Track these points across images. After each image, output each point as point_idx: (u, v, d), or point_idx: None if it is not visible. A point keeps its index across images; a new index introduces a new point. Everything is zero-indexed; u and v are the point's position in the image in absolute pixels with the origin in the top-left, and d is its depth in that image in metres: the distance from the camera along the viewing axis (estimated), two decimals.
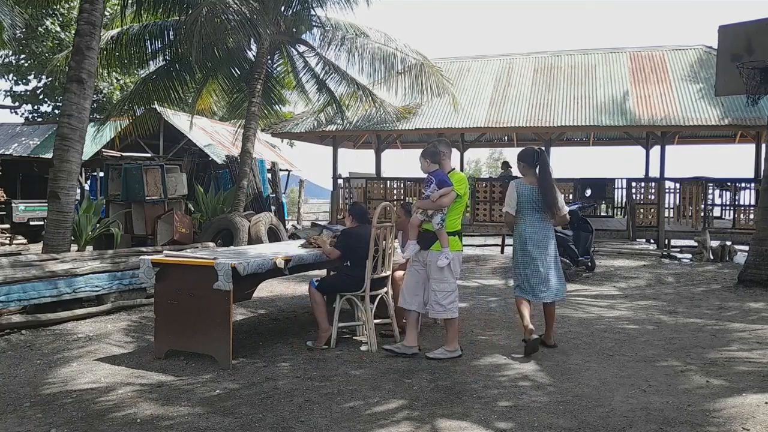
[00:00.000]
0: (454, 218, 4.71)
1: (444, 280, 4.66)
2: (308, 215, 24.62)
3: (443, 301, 4.66)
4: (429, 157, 4.74)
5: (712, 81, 11.00)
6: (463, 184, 4.75)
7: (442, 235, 4.61)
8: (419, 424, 3.41)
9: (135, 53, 11.71)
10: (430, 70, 12.24)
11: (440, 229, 4.60)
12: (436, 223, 4.60)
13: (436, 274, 4.65)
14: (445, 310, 4.68)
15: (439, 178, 4.64)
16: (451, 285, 4.69)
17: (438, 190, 4.57)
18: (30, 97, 25.50)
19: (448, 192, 4.59)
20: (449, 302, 4.68)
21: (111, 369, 4.50)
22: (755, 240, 8.38)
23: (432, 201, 4.56)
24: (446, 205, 4.60)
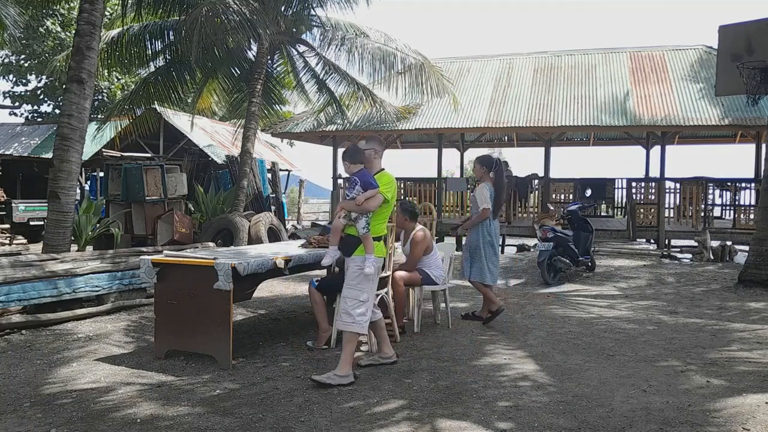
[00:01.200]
0: (379, 222, 4.34)
1: (359, 287, 4.21)
2: (308, 215, 24.63)
3: (353, 311, 4.17)
4: (349, 159, 4.31)
5: (712, 81, 11.00)
6: (392, 187, 4.40)
7: (367, 240, 4.22)
8: (419, 424, 3.41)
9: (135, 53, 11.72)
10: (430, 70, 12.24)
11: (366, 233, 4.21)
12: (361, 227, 4.20)
13: (352, 280, 4.22)
14: (353, 322, 4.16)
15: (363, 180, 4.23)
16: (364, 294, 4.21)
17: (363, 192, 4.18)
18: (30, 97, 25.52)
19: (374, 195, 4.21)
20: (359, 313, 4.18)
21: (111, 369, 4.50)
22: (755, 240, 8.38)
23: (357, 204, 4.17)
24: (372, 209, 4.22)
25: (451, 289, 7.02)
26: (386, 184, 4.35)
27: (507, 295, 7.96)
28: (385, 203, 4.33)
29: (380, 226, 4.37)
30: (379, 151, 4.53)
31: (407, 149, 20.45)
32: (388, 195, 4.32)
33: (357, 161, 4.33)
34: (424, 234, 5.86)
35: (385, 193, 4.30)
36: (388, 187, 4.36)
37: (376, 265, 4.23)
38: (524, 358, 4.83)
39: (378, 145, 4.55)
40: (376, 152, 4.48)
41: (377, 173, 4.40)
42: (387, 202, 4.33)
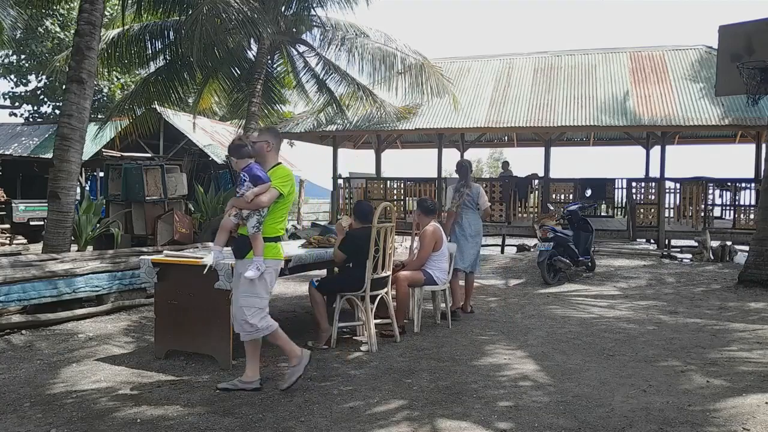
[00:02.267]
0: (276, 221, 3.99)
1: (254, 293, 3.90)
2: (308, 215, 24.62)
3: (252, 320, 3.89)
4: (233, 154, 4.01)
5: (712, 81, 10.99)
6: (288, 181, 3.99)
7: (255, 241, 3.88)
8: (419, 424, 3.41)
9: (135, 53, 11.71)
10: (430, 70, 12.24)
11: (255, 233, 3.88)
12: (251, 226, 3.87)
13: (245, 287, 3.90)
14: (256, 331, 3.92)
15: (251, 174, 3.89)
16: (262, 301, 3.94)
17: (253, 187, 3.85)
18: (30, 97, 25.52)
19: (265, 189, 3.85)
20: (260, 320, 3.92)
21: (111, 369, 4.50)
22: (755, 240, 8.38)
23: (247, 201, 3.83)
24: (264, 205, 3.87)
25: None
26: (281, 178, 3.95)
27: (507, 295, 7.96)
28: (281, 199, 3.95)
29: (276, 226, 4.00)
30: (273, 143, 4.13)
31: (407, 149, 20.42)
32: (284, 189, 3.93)
33: (243, 156, 3.97)
34: (434, 229, 5.86)
35: (280, 188, 3.91)
36: (284, 182, 3.95)
37: (262, 269, 3.86)
38: (524, 358, 4.83)
39: (272, 137, 4.16)
40: (270, 145, 4.09)
41: (272, 168, 4.03)
42: (283, 197, 3.96)
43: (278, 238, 4.02)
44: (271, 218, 3.96)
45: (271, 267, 3.95)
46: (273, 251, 3.96)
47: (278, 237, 4.02)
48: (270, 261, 3.93)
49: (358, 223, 5.31)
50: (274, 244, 3.97)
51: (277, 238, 4.01)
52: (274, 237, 3.98)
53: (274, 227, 3.99)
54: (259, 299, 3.91)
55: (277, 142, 4.16)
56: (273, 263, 3.97)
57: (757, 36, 7.95)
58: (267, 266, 3.90)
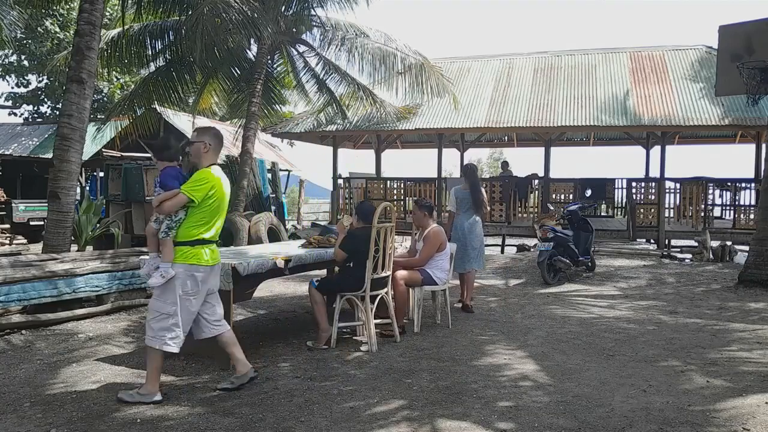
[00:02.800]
0: (193, 225, 3.80)
1: (162, 298, 3.76)
2: (308, 215, 24.62)
3: (154, 324, 3.74)
4: (155, 156, 3.93)
5: (712, 81, 11.00)
6: (203, 185, 3.75)
7: (164, 247, 3.78)
8: (419, 424, 3.41)
9: (135, 53, 11.71)
10: (430, 70, 12.24)
11: (164, 238, 3.76)
12: (161, 231, 3.77)
13: (156, 290, 3.78)
14: (153, 337, 3.74)
15: (162, 180, 3.82)
16: (169, 307, 3.74)
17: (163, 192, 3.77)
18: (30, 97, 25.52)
19: (171, 196, 3.71)
20: (160, 328, 3.73)
21: (111, 369, 4.50)
22: (755, 240, 8.37)
23: (153, 206, 3.78)
24: (168, 211, 3.73)
25: (451, 289, 7.01)
26: (194, 182, 3.76)
27: (507, 295, 7.96)
28: (193, 204, 3.75)
29: (193, 230, 3.80)
30: (211, 145, 3.91)
31: (407, 149, 20.43)
32: (195, 194, 3.71)
33: (164, 158, 3.91)
34: (438, 230, 5.88)
35: (190, 193, 3.71)
36: (196, 186, 3.74)
37: (167, 276, 3.71)
38: (524, 358, 4.83)
39: (211, 138, 3.93)
40: (207, 146, 3.89)
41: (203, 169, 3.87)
42: (195, 203, 3.74)
43: (200, 241, 3.81)
44: (189, 222, 3.80)
45: (184, 272, 3.76)
46: (187, 255, 3.77)
47: (200, 240, 3.81)
48: (180, 266, 3.75)
49: (361, 222, 5.32)
50: (189, 248, 3.78)
51: (197, 242, 3.80)
52: (191, 241, 3.79)
53: (191, 231, 3.79)
54: (164, 304, 3.76)
55: (216, 143, 3.95)
56: (185, 268, 3.76)
57: (757, 36, 7.95)
58: (179, 271, 3.75)
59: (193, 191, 3.73)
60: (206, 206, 3.80)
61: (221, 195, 3.87)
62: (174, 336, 3.76)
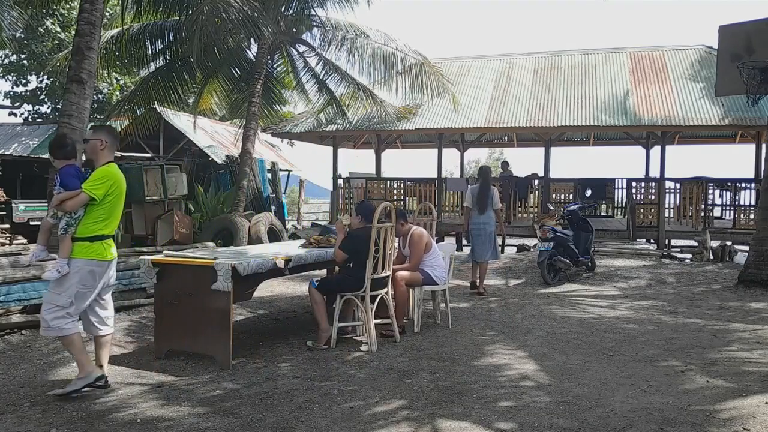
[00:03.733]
0: (93, 221, 3.91)
1: (56, 291, 3.84)
2: (308, 215, 24.62)
3: (47, 316, 3.81)
4: (53, 155, 3.99)
5: (712, 81, 11.00)
6: (104, 183, 3.88)
7: (62, 243, 3.87)
8: (419, 424, 3.41)
9: (135, 53, 11.71)
10: (430, 70, 12.25)
11: (62, 235, 3.87)
12: (59, 228, 3.88)
13: (52, 283, 3.88)
14: (47, 327, 3.81)
15: (61, 178, 3.86)
16: (64, 300, 3.82)
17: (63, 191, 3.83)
18: (30, 97, 25.52)
19: (72, 196, 3.81)
20: (53, 318, 3.79)
21: (111, 369, 4.49)
22: (755, 240, 8.37)
23: (54, 205, 3.87)
24: (69, 210, 3.84)
25: (451, 289, 7.02)
26: (94, 180, 3.86)
27: (507, 295, 7.97)
28: (95, 202, 3.87)
29: (93, 226, 3.91)
30: (108, 142, 4.03)
31: (407, 149, 20.43)
32: (96, 192, 3.83)
33: (59, 156, 3.98)
34: (420, 232, 5.88)
35: (91, 191, 3.82)
36: (97, 184, 3.86)
37: (63, 272, 3.80)
38: (524, 358, 4.83)
39: (107, 135, 4.05)
40: (104, 143, 4.00)
41: (100, 167, 3.97)
42: (96, 201, 3.86)
43: (99, 237, 3.92)
44: (88, 218, 3.90)
45: (81, 267, 3.86)
46: (86, 251, 3.88)
47: (99, 236, 3.92)
48: (79, 261, 3.85)
49: (362, 222, 5.31)
50: (89, 244, 3.89)
51: (96, 238, 3.91)
52: (90, 237, 3.90)
53: (90, 227, 3.90)
54: (59, 297, 3.83)
55: (112, 140, 4.08)
56: (83, 263, 3.87)
57: (757, 36, 7.95)
58: (78, 266, 3.84)
59: (95, 189, 3.85)
60: (106, 203, 3.94)
61: (120, 191, 4.06)
62: (68, 322, 3.86)
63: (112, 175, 3.96)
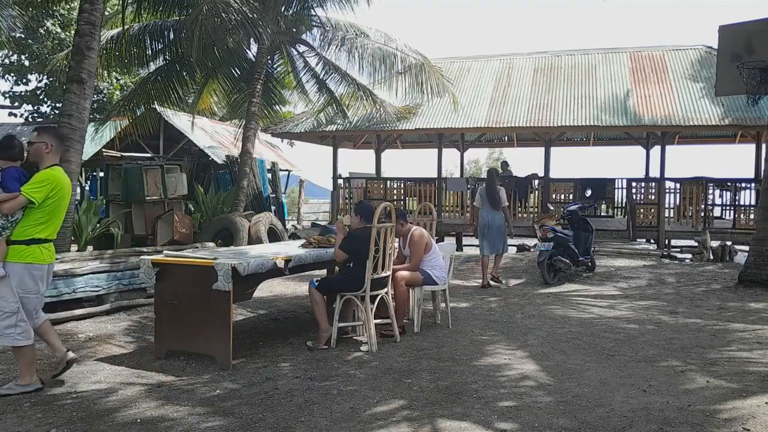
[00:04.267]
0: (31, 224, 3.86)
1: (2, 297, 3.81)
2: (308, 215, 24.62)
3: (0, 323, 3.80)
4: None
5: (712, 81, 11.00)
6: (44, 186, 3.83)
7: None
8: (419, 424, 3.41)
9: (135, 53, 11.71)
10: (430, 70, 12.25)
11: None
12: None
13: None
14: (1, 336, 3.82)
15: (2, 179, 3.83)
16: (10, 305, 3.80)
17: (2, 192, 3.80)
18: (30, 97, 25.51)
19: (10, 198, 3.76)
20: (6, 326, 3.79)
21: (111, 369, 4.49)
22: (755, 240, 8.37)
23: None
24: (7, 212, 3.79)
25: (451, 289, 7.02)
26: (34, 183, 3.82)
27: (507, 295, 7.97)
28: (34, 205, 3.81)
29: (31, 229, 3.86)
30: (53, 144, 3.98)
31: (407, 149, 20.44)
32: (35, 195, 3.78)
33: (4, 157, 3.93)
34: (420, 232, 5.88)
35: (31, 194, 3.77)
36: (38, 187, 3.81)
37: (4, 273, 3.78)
38: (524, 358, 4.83)
39: (52, 138, 4.01)
40: (49, 146, 3.95)
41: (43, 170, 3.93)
42: (35, 204, 3.81)
43: (36, 240, 3.88)
44: (26, 221, 3.86)
45: (21, 270, 3.83)
46: (21, 254, 3.84)
47: (36, 240, 3.88)
48: (16, 265, 3.82)
49: (362, 222, 5.31)
50: (25, 247, 3.85)
51: (33, 241, 3.87)
52: (27, 240, 3.85)
53: (27, 231, 3.86)
54: (5, 303, 3.81)
55: (57, 143, 4.03)
56: (20, 267, 3.83)
57: (757, 36, 7.95)
58: (14, 270, 3.82)
59: (34, 193, 3.79)
60: (46, 206, 3.88)
61: (62, 195, 3.97)
62: (22, 331, 3.85)
63: (54, 178, 3.91)
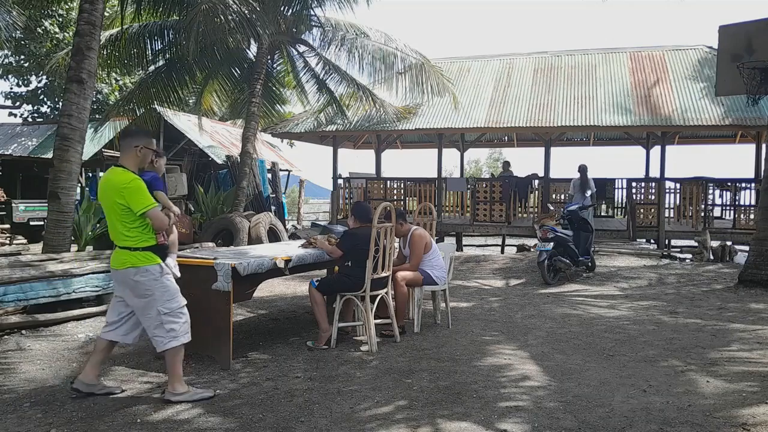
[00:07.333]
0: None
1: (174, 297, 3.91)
2: (308, 215, 24.62)
3: (174, 325, 3.82)
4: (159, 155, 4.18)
5: (712, 81, 11.00)
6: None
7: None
8: (419, 424, 3.40)
9: (135, 54, 11.71)
10: (430, 69, 12.25)
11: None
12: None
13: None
14: (174, 337, 3.82)
15: (150, 182, 4.01)
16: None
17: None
18: (30, 97, 25.52)
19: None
20: (185, 321, 3.89)
21: (111, 369, 4.49)
22: (755, 240, 8.37)
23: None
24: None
25: (451, 289, 7.01)
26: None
27: (507, 295, 7.97)
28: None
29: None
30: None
31: (407, 149, 20.44)
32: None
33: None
34: (421, 232, 5.88)
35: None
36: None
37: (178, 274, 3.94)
38: (524, 358, 4.83)
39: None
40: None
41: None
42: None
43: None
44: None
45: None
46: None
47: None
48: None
49: (357, 222, 5.33)
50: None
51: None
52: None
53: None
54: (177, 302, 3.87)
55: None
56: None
57: (757, 36, 7.94)
58: None
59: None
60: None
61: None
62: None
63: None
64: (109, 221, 3.77)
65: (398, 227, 5.72)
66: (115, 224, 3.72)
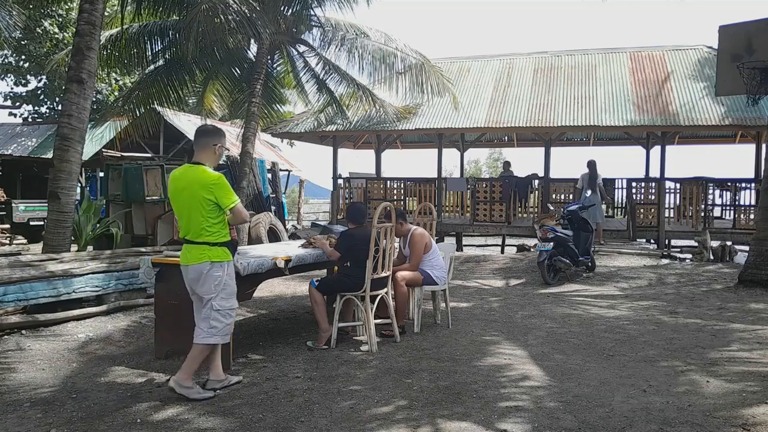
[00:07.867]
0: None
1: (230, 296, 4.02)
2: (308, 215, 24.63)
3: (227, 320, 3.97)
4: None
5: (712, 81, 11.00)
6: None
7: None
8: (419, 424, 3.40)
9: (135, 54, 11.70)
10: (430, 69, 12.24)
11: None
12: None
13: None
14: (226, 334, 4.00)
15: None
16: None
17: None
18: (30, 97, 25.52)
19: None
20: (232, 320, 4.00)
21: (111, 369, 4.50)
22: (755, 240, 8.37)
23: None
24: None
25: (451, 289, 7.02)
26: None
27: (507, 295, 7.97)
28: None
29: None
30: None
31: (407, 149, 20.43)
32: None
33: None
34: (421, 232, 5.88)
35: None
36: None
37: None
38: (524, 358, 4.83)
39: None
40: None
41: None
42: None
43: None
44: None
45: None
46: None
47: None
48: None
49: (352, 223, 5.35)
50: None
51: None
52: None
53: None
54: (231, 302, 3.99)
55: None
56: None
57: (757, 36, 7.94)
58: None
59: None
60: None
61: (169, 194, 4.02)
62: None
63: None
64: (189, 217, 3.82)
65: (398, 227, 5.72)
66: (198, 220, 3.80)
